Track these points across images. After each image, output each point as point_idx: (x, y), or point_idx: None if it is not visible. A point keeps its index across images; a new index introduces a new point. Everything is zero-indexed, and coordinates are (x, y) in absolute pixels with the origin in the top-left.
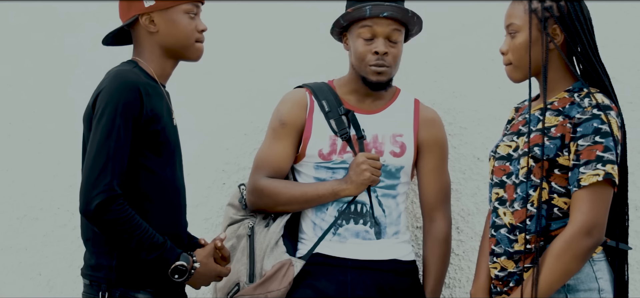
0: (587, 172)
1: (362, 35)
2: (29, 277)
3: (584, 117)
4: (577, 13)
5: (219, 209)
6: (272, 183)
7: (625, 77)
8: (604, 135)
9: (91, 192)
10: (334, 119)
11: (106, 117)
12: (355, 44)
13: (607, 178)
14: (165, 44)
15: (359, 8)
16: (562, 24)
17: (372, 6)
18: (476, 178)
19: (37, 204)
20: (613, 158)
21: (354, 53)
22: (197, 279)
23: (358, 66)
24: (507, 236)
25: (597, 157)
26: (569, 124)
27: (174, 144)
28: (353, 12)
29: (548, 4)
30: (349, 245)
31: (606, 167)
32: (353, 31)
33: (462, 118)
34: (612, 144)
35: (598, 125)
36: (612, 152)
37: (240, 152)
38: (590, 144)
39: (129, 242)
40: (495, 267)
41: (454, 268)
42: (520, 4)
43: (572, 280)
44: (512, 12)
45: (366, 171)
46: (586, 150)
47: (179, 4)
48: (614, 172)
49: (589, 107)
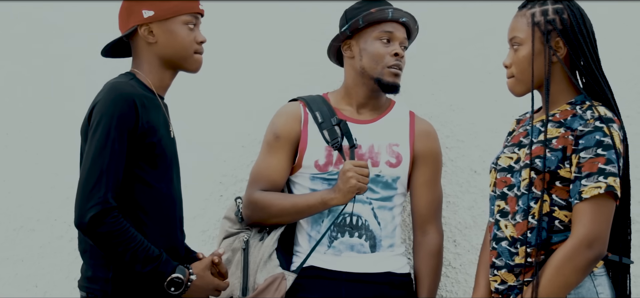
0: (589, 184)
1: (381, 37)
2: (25, 289)
3: (586, 130)
4: (580, 26)
5: (217, 221)
6: (265, 195)
7: (623, 91)
8: (606, 148)
9: (85, 204)
10: (327, 129)
11: (101, 130)
12: (372, 46)
13: (609, 191)
14: (164, 55)
15: (382, 10)
16: (565, 37)
17: (393, 10)
18: (473, 191)
19: (34, 215)
20: (615, 171)
21: (369, 55)
22: (194, 292)
23: (373, 68)
24: (508, 249)
25: (598, 169)
26: (571, 136)
27: (171, 156)
28: (376, 13)
29: (551, 17)
30: (343, 258)
31: (608, 179)
32: (368, 34)
33: (460, 131)
34: (614, 156)
35: (600, 137)
36: (614, 165)
37: (237, 165)
38: (592, 157)
39: (124, 255)
40: (495, 280)
41: (451, 281)
42: (524, 17)
43: (572, 294)
44: (516, 25)
45: (352, 178)
46: (588, 163)
47: (178, 15)
48: (615, 185)
49: (592, 119)
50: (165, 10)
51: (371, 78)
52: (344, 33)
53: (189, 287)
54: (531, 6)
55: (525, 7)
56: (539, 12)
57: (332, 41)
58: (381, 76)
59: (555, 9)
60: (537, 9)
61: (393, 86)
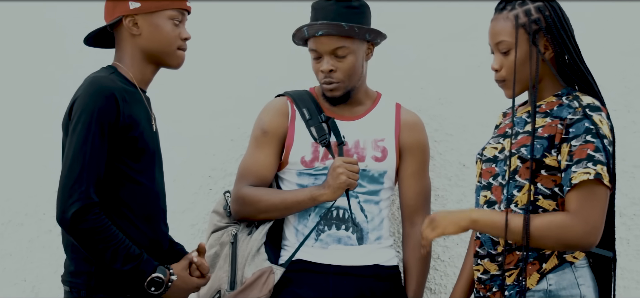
0: (578, 170)
1: (311, 54)
2: (13, 283)
3: (575, 118)
4: (562, 21)
5: (205, 215)
6: (254, 191)
7: (610, 85)
8: (595, 136)
9: (67, 200)
10: (314, 126)
11: (81, 125)
12: (311, 61)
13: (597, 178)
14: (147, 48)
15: (299, 29)
16: (550, 35)
17: (308, 27)
18: (462, 184)
19: (22, 210)
20: (603, 159)
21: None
22: (174, 292)
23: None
24: (490, 238)
25: (588, 155)
26: (560, 125)
27: (154, 150)
28: (297, 33)
29: (535, 16)
30: (330, 251)
31: (596, 166)
32: None
33: (448, 125)
34: (602, 145)
35: (589, 125)
36: (602, 154)
37: (226, 158)
38: (582, 143)
39: (104, 252)
40: (478, 269)
41: (439, 274)
42: (507, 20)
43: (553, 286)
44: (499, 29)
45: (342, 175)
46: (578, 150)
47: (164, 9)
48: (603, 173)
49: (580, 107)
50: (151, 3)
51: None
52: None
53: (169, 287)
54: (511, 8)
55: (505, 9)
56: (522, 13)
57: None
58: (323, 91)
59: (537, 8)
60: (519, 10)
61: (332, 99)
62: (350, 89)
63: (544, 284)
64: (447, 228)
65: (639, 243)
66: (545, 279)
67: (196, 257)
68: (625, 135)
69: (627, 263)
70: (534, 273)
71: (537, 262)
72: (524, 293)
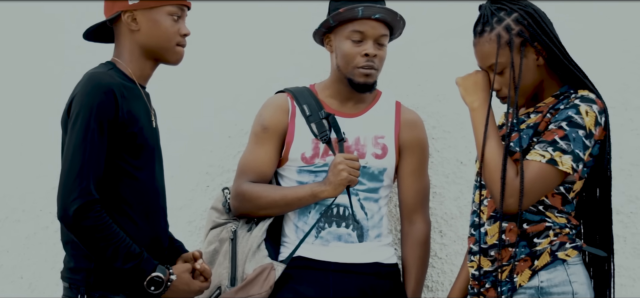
0: (537, 149)
1: (351, 37)
2: (10, 280)
3: (566, 107)
4: (541, 25)
5: (203, 212)
6: (254, 187)
7: (608, 82)
8: (572, 125)
9: (68, 197)
10: (314, 123)
11: (80, 121)
12: (343, 45)
13: (550, 163)
14: (146, 44)
15: (351, 8)
16: (535, 41)
17: (364, 8)
18: (459, 182)
19: (20, 206)
20: (567, 148)
21: (340, 54)
22: (174, 293)
23: (344, 67)
24: (483, 235)
25: (552, 140)
26: (550, 114)
27: (153, 146)
28: (345, 13)
29: (516, 29)
30: (331, 248)
31: (555, 153)
32: (340, 32)
33: (446, 122)
34: (578, 135)
35: (572, 114)
36: (569, 143)
37: (224, 155)
38: (555, 128)
39: (105, 250)
40: (472, 266)
41: (436, 271)
42: (489, 42)
43: (545, 283)
44: (487, 52)
45: (343, 171)
46: (549, 132)
47: (164, 5)
48: (560, 161)
49: (573, 98)
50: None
51: (345, 77)
52: (320, 30)
53: (168, 287)
54: (490, 29)
55: (485, 32)
56: (503, 31)
57: (314, 33)
58: (352, 76)
59: (516, 19)
60: (499, 29)
61: (364, 86)
62: (376, 80)
63: (535, 281)
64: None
65: (635, 241)
66: (537, 276)
67: (200, 264)
68: (623, 132)
69: (624, 261)
70: (525, 270)
71: (529, 258)
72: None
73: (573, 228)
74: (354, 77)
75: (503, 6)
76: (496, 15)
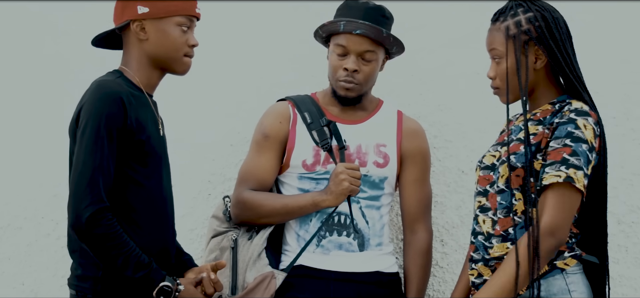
0: (550, 172)
1: (336, 50)
2: (12, 287)
3: (561, 121)
4: (553, 31)
5: (205, 220)
6: (255, 195)
7: (609, 92)
8: (575, 140)
9: (80, 205)
10: (316, 130)
11: (90, 130)
12: (331, 56)
13: (568, 181)
14: (153, 53)
15: (335, 22)
16: (541, 44)
17: (346, 22)
18: (461, 191)
19: (21, 213)
20: (579, 164)
21: (329, 65)
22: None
23: (330, 78)
24: (483, 243)
25: (562, 159)
26: (547, 129)
27: (161, 154)
28: (329, 25)
29: (525, 27)
30: (332, 257)
31: (569, 170)
32: (331, 43)
33: (447, 131)
34: (583, 149)
35: (572, 129)
36: (580, 158)
37: (226, 163)
38: (560, 146)
39: (116, 259)
40: (472, 274)
41: (438, 280)
42: (499, 31)
43: (544, 292)
44: (492, 38)
45: (344, 181)
46: (554, 152)
47: (173, 15)
48: (575, 177)
49: (567, 111)
50: (160, 9)
51: (332, 87)
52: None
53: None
54: (504, 19)
55: (498, 20)
56: (513, 25)
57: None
58: (336, 88)
59: (528, 18)
60: (510, 22)
61: (345, 99)
62: (362, 94)
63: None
64: None
65: (637, 251)
66: (534, 285)
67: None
68: (624, 142)
69: (626, 270)
70: None
71: None
72: None
73: (573, 237)
74: (337, 89)
75: (523, 3)
76: (514, 10)
